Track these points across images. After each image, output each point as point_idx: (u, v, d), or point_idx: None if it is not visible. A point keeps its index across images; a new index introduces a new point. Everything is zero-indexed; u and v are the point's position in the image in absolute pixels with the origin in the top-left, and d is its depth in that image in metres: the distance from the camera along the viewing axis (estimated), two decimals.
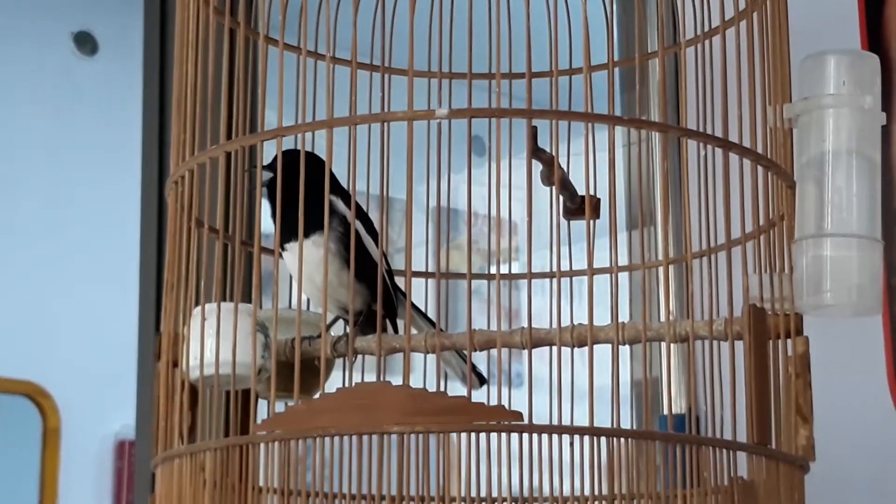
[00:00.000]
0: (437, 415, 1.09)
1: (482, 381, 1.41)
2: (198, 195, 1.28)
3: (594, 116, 1.18)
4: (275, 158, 1.24)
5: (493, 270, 1.61)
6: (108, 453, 3.80)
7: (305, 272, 1.21)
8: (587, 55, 1.22)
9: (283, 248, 1.33)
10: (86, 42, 3.90)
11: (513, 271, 1.52)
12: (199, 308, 1.26)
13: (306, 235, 1.21)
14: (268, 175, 1.27)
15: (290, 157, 1.21)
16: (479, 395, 1.26)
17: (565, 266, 1.42)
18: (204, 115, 1.28)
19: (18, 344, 3.67)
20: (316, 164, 1.20)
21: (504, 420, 1.10)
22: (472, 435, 1.12)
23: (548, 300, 1.24)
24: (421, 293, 1.46)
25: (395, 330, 1.42)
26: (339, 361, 1.36)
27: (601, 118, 1.18)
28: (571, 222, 1.39)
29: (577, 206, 1.37)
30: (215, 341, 1.23)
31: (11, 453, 3.75)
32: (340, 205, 1.34)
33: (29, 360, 3.69)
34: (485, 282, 1.48)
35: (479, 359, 1.38)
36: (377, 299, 1.30)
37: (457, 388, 1.38)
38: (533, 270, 1.41)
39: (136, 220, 2.40)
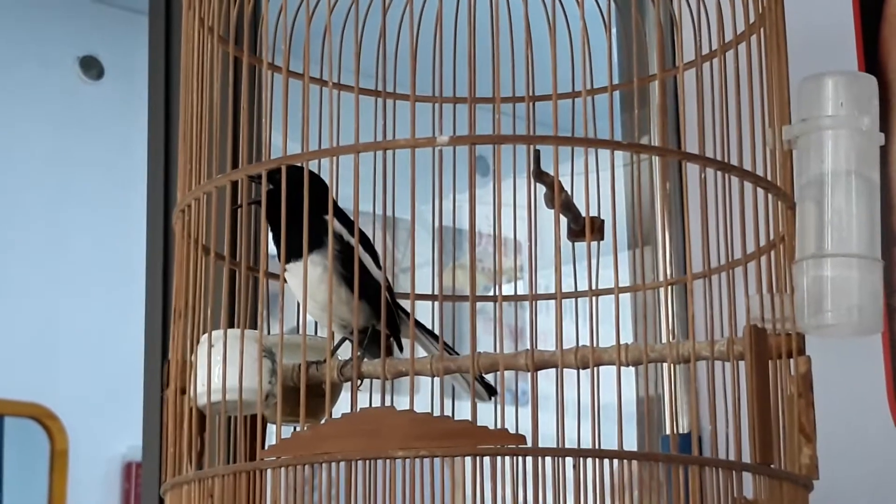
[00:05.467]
0: (441, 439, 1.10)
1: (491, 392, 1.42)
2: (204, 223, 1.29)
3: (594, 142, 1.20)
4: (275, 173, 1.25)
5: (498, 291, 1.62)
6: (116, 475, 3.81)
7: (305, 291, 1.22)
8: (585, 79, 1.24)
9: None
10: (91, 66, 3.92)
11: (519, 290, 1.53)
12: (206, 335, 1.27)
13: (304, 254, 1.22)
14: (267, 188, 1.28)
15: (289, 174, 1.23)
16: (485, 414, 1.27)
17: (570, 287, 1.43)
18: (210, 143, 1.30)
19: (26, 367, 3.68)
20: (312, 184, 1.22)
21: (508, 443, 1.11)
22: (477, 458, 1.13)
23: (553, 320, 1.25)
24: (427, 313, 1.47)
25: (400, 347, 1.43)
26: (346, 384, 1.37)
27: (601, 143, 1.19)
28: (576, 243, 1.40)
29: (581, 228, 1.38)
30: (222, 368, 1.24)
31: (20, 476, 3.76)
32: (336, 223, 1.35)
33: (36, 384, 3.70)
34: (490, 302, 1.49)
35: (487, 377, 1.39)
36: (379, 317, 1.31)
37: (467, 402, 1.39)
38: (538, 291, 1.42)
39: (142, 245, 2.41)
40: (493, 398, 1.41)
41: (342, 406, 1.20)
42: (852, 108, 1.25)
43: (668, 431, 1.22)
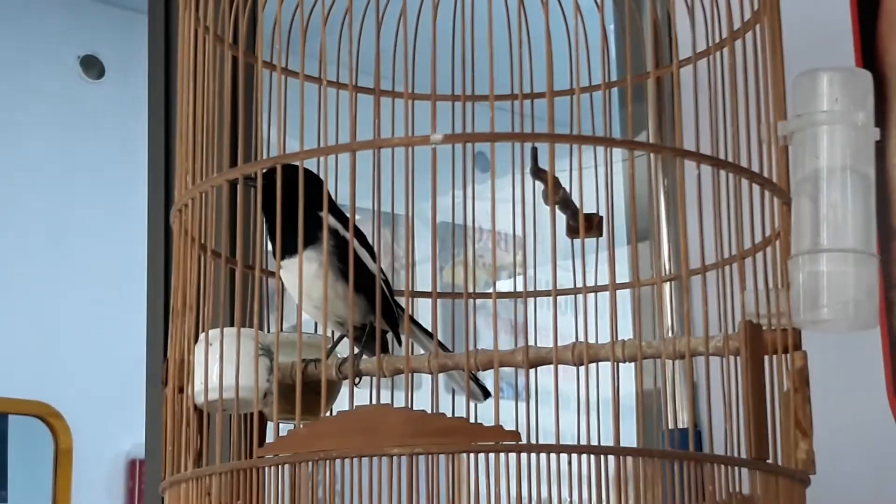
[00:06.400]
0: (437, 436, 1.10)
1: (486, 394, 1.42)
2: (202, 221, 1.30)
3: (589, 139, 1.20)
4: (270, 171, 1.25)
5: (500, 287, 1.62)
6: (120, 473, 3.82)
7: (302, 287, 1.23)
8: (580, 76, 1.24)
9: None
10: (92, 66, 3.93)
11: (518, 287, 1.54)
12: (204, 333, 1.28)
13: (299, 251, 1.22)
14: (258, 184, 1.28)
15: (284, 172, 1.23)
16: (486, 411, 1.27)
17: (569, 283, 1.43)
18: (207, 142, 1.30)
19: (30, 366, 3.69)
20: (307, 181, 1.22)
21: (502, 440, 1.11)
22: (472, 455, 1.13)
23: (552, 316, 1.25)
24: (426, 310, 1.48)
25: (399, 342, 1.44)
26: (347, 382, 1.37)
27: (596, 140, 1.19)
28: (576, 240, 1.40)
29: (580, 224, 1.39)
30: (220, 366, 1.24)
31: (24, 474, 3.76)
32: (331, 219, 1.35)
33: (40, 382, 3.71)
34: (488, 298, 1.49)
35: (487, 375, 1.39)
36: (376, 312, 1.32)
37: (464, 403, 1.39)
38: (539, 287, 1.42)
39: (144, 243, 2.42)
40: (488, 399, 1.41)
41: (343, 404, 1.21)
42: (847, 104, 1.25)
43: (665, 427, 1.22)
